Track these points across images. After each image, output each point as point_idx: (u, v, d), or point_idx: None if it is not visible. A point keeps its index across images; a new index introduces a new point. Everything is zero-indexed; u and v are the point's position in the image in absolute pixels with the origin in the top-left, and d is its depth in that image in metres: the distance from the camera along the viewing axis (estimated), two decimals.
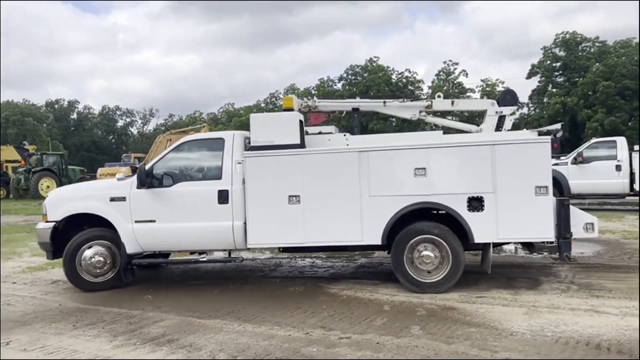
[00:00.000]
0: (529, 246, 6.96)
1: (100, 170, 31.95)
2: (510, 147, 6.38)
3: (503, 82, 55.70)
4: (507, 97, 8.12)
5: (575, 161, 14.48)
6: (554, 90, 48.19)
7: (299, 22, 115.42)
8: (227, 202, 6.81)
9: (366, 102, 9.00)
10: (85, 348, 4.94)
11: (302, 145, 6.92)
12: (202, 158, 7.42)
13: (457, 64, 58.02)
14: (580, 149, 14.89)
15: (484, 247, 6.64)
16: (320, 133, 7.63)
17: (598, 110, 41.12)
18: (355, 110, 8.57)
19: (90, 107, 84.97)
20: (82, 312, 6.24)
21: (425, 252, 6.52)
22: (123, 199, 7.05)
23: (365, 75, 56.96)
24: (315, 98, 8.37)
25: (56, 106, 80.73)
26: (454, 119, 9.73)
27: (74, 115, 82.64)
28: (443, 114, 9.04)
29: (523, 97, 54.92)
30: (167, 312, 6.10)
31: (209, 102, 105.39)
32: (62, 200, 7.43)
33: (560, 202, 6.47)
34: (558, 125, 7.44)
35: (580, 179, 14.32)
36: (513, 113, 7.96)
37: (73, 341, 5.16)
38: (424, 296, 6.31)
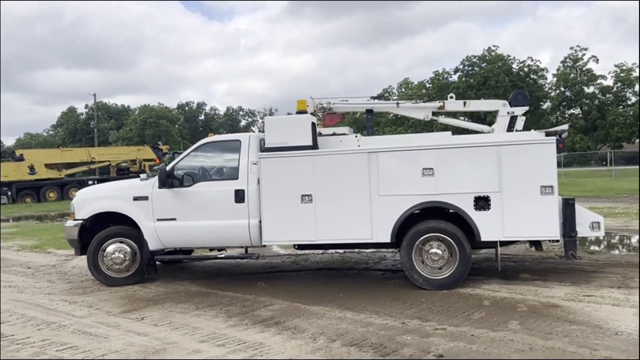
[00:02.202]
0: (536, 244, 7.02)
1: None
2: (516, 147, 6.44)
3: None
4: (519, 98, 7.77)
5: None
6: None
7: (413, 16, 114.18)
8: (244, 201, 7.12)
9: (380, 104, 9.10)
10: (204, 326, 5.57)
11: (314, 146, 7.09)
12: (220, 159, 7.73)
13: (585, 49, 53.88)
14: None
15: (493, 245, 6.69)
16: (334, 134, 7.76)
17: None
18: (369, 111, 8.61)
19: (216, 109, 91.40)
20: (204, 295, 6.97)
21: (433, 250, 6.61)
22: (146, 198, 7.46)
23: (483, 65, 54.79)
24: (330, 100, 8.47)
25: (186, 108, 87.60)
26: (467, 119, 9.46)
27: (202, 117, 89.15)
28: (456, 115, 8.85)
29: None
30: (277, 297, 6.62)
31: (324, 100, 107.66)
32: (89, 200, 7.87)
33: (566, 202, 6.43)
34: (565, 126, 7.24)
35: None
36: (525, 113, 7.62)
37: (195, 319, 5.84)
38: (527, 293, 6.22)
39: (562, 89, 54.55)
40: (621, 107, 52.20)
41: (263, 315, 5.88)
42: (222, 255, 7.97)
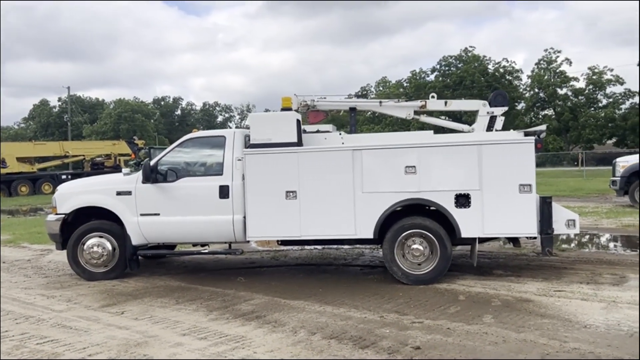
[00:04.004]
0: (513, 241, 7.20)
1: None
2: (496, 146, 6.64)
3: (612, 70, 52.10)
4: (498, 98, 8.03)
5: None
6: None
7: (391, 15, 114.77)
8: (228, 197, 7.15)
9: (363, 102, 9.28)
10: (185, 320, 5.62)
11: (299, 143, 7.17)
12: (204, 155, 7.75)
13: (559, 51, 54.99)
14: None
15: (472, 242, 6.84)
16: (318, 131, 7.87)
17: None
18: (353, 109, 8.76)
19: (193, 104, 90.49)
20: (184, 289, 7.00)
21: (415, 246, 6.76)
22: (129, 193, 7.43)
23: (460, 65, 55.52)
24: (314, 97, 8.60)
25: (162, 103, 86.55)
26: (447, 118, 9.78)
27: (178, 112, 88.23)
28: (437, 114, 9.10)
29: (635, 85, 51.00)
30: (257, 292, 6.69)
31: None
32: (71, 194, 7.81)
33: (543, 200, 6.66)
34: (543, 127, 7.44)
35: None
36: (504, 114, 7.88)
37: (175, 313, 5.87)
38: (501, 288, 6.41)
39: (536, 90, 55.63)
40: (592, 109, 53.47)
41: (243, 309, 5.95)
42: (206, 251, 7.98)
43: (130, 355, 4.60)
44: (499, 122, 7.92)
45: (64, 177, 35.04)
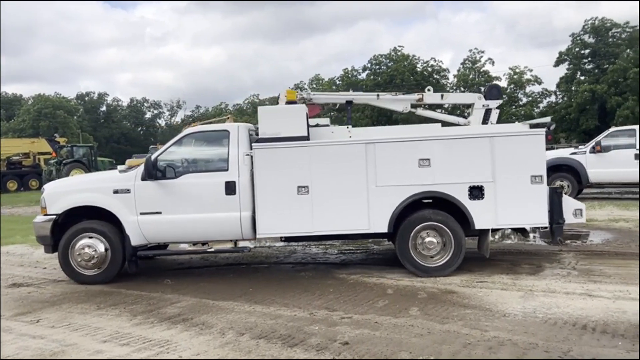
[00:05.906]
0: (522, 232, 7.42)
1: (128, 162, 32.64)
2: (508, 138, 6.77)
3: (531, 70, 54.90)
4: (493, 91, 8.34)
5: (593, 150, 14.39)
6: (583, 77, 47.29)
7: (322, 13, 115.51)
8: (235, 194, 6.95)
9: (360, 95, 9.34)
10: (107, 325, 5.37)
11: (308, 137, 7.12)
12: (207, 150, 7.49)
13: (483, 52, 57.33)
14: (598, 138, 14.75)
15: (481, 232, 6.96)
16: (317, 125, 7.87)
17: (629, 97, 40.20)
18: (349, 102, 8.83)
19: (119, 100, 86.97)
20: (106, 294, 6.69)
21: (428, 239, 6.82)
22: (127, 191, 7.09)
23: (390, 64, 56.69)
24: (309, 91, 8.66)
25: (86, 99, 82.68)
26: (442, 111, 10.10)
27: (104, 108, 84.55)
28: (433, 107, 9.35)
29: (551, 85, 54.15)
30: (184, 294, 6.51)
31: (234, 93, 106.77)
32: (63, 193, 7.39)
33: (553, 190, 6.86)
34: (548, 118, 7.76)
35: (598, 167, 14.25)
36: (499, 106, 8.18)
37: (97, 319, 5.60)
38: (427, 281, 6.58)
39: (462, 89, 57.71)
40: (514, 107, 56.20)
41: (170, 312, 5.77)
42: (212, 249, 7.67)
43: None
44: (494, 115, 8.07)
45: None
